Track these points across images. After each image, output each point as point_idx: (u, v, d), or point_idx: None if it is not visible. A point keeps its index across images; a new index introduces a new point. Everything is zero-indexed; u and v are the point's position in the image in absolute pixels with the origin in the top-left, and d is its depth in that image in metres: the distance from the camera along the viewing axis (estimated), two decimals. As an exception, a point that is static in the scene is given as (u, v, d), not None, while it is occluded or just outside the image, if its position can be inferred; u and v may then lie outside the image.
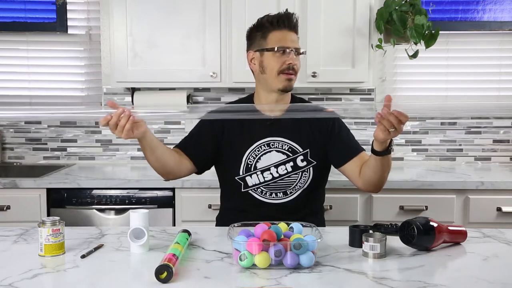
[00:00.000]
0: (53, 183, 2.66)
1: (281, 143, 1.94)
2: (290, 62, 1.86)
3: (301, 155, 1.94)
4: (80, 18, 3.20)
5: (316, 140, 1.96)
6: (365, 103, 3.17)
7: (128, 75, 2.84)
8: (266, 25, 1.90)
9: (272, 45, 1.88)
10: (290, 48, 1.87)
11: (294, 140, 1.94)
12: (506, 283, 1.30)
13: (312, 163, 1.95)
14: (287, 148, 1.94)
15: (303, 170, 1.94)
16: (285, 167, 1.93)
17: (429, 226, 1.51)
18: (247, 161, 1.94)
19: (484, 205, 2.61)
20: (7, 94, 3.25)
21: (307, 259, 1.37)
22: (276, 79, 1.89)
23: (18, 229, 1.76)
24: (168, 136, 3.22)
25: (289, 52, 1.87)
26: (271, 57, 1.88)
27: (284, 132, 1.94)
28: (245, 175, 1.94)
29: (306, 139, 1.95)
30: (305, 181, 1.95)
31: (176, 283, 1.28)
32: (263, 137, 1.94)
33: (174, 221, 2.66)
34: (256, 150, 1.94)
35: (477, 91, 3.22)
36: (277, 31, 1.88)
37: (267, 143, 1.94)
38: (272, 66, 1.88)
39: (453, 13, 3.21)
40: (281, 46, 1.87)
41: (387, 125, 1.60)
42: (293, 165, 1.93)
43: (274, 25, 1.88)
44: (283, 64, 1.87)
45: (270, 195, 1.95)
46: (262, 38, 1.91)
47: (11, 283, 1.28)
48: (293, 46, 1.88)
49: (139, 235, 1.51)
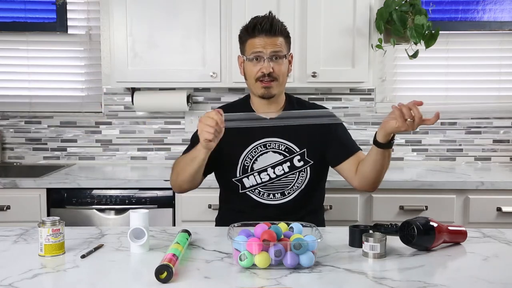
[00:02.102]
0: (53, 183, 2.66)
1: (278, 143, 1.94)
2: (263, 70, 1.85)
3: (297, 155, 1.94)
4: (80, 18, 3.19)
5: (313, 139, 1.95)
6: (364, 103, 3.17)
7: (128, 75, 2.84)
8: (244, 33, 1.91)
9: (248, 53, 1.89)
10: (263, 56, 1.85)
11: (290, 140, 1.94)
12: (506, 283, 1.30)
13: (309, 163, 1.94)
14: (283, 149, 1.94)
15: (300, 170, 1.94)
16: (282, 168, 1.93)
17: (429, 226, 1.51)
18: (244, 163, 1.93)
19: (484, 205, 2.61)
20: (7, 94, 3.25)
21: (307, 259, 1.37)
22: (254, 86, 1.90)
23: (18, 229, 1.76)
24: (168, 136, 3.22)
25: (265, 59, 1.85)
26: (248, 65, 1.90)
27: (281, 133, 1.93)
28: (242, 176, 1.94)
29: (303, 138, 1.95)
30: (302, 181, 1.95)
31: (176, 283, 1.28)
32: (260, 138, 1.94)
33: (174, 221, 2.66)
34: (252, 151, 1.93)
35: (477, 91, 3.22)
36: (253, 38, 1.87)
37: (263, 144, 1.94)
38: (249, 74, 1.90)
39: (453, 13, 3.21)
40: (253, 53, 1.86)
41: (407, 113, 1.61)
42: (290, 165, 1.93)
43: (250, 32, 1.88)
44: (258, 72, 1.87)
45: (268, 196, 1.94)
46: (242, 45, 1.93)
47: (11, 283, 1.28)
48: (268, 51, 1.85)
49: (139, 235, 1.51)
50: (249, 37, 1.88)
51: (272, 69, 1.86)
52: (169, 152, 3.22)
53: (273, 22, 1.87)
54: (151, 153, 3.23)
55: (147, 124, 3.22)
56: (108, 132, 3.23)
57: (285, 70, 1.91)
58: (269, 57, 1.85)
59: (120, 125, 3.22)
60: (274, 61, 1.86)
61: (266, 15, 1.89)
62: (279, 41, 1.88)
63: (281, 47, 1.88)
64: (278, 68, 1.87)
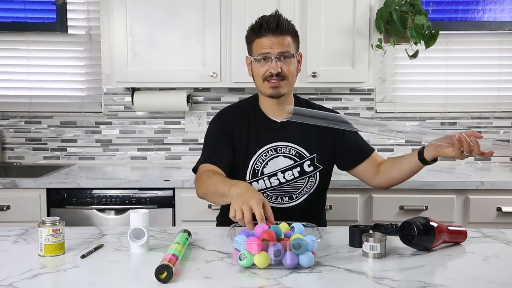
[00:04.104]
0: (53, 183, 2.66)
1: (288, 148, 1.92)
2: (271, 70, 1.83)
3: (308, 160, 1.92)
4: (80, 18, 3.20)
5: (323, 144, 1.94)
6: (364, 103, 3.17)
7: (128, 75, 2.84)
8: (250, 33, 1.89)
9: (255, 54, 1.87)
10: (270, 55, 1.83)
11: (301, 145, 1.92)
12: (506, 283, 1.30)
13: (319, 168, 1.93)
14: (294, 153, 1.92)
15: (310, 175, 1.93)
16: (292, 173, 1.92)
17: (429, 226, 1.51)
18: (254, 166, 1.92)
19: (484, 205, 2.61)
20: (7, 94, 3.25)
21: (306, 259, 1.37)
22: (263, 86, 1.88)
23: (18, 229, 1.76)
24: (168, 136, 3.22)
25: (273, 59, 1.82)
26: (256, 65, 1.87)
27: (291, 137, 1.92)
28: (252, 180, 1.92)
29: (313, 143, 1.93)
30: (311, 186, 1.94)
31: (176, 283, 1.28)
32: (270, 142, 1.92)
33: (174, 221, 2.66)
34: (263, 155, 1.92)
35: (477, 91, 3.22)
36: (260, 38, 1.84)
37: (274, 148, 1.92)
38: (257, 74, 1.88)
39: (453, 13, 3.21)
40: (261, 54, 1.84)
41: (466, 148, 1.63)
42: (300, 170, 1.92)
43: (256, 32, 1.85)
44: (266, 72, 1.85)
45: (275, 199, 1.93)
46: (249, 45, 1.91)
47: (11, 283, 1.28)
48: (276, 51, 1.82)
49: (139, 235, 1.51)
50: (256, 37, 1.86)
51: (281, 69, 1.83)
52: (169, 152, 3.22)
53: (280, 21, 1.83)
54: (151, 153, 3.23)
55: (147, 124, 3.22)
56: (108, 132, 3.23)
57: (294, 69, 1.88)
58: (276, 57, 1.83)
59: (120, 125, 3.22)
60: (282, 61, 1.83)
61: (272, 14, 1.86)
62: (287, 41, 1.84)
63: (289, 47, 1.84)
64: (287, 67, 1.85)
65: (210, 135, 1.98)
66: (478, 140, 1.63)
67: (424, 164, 1.80)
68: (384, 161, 1.97)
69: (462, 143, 1.64)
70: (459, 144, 1.64)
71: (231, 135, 1.92)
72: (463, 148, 1.64)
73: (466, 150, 1.64)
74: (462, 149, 1.64)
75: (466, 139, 1.63)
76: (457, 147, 1.65)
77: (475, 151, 1.63)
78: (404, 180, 1.92)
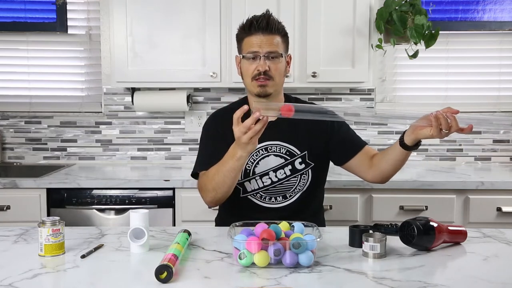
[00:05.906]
0: (53, 183, 2.66)
1: (279, 146, 1.93)
2: (259, 68, 1.84)
3: (299, 158, 1.93)
4: (80, 18, 3.20)
5: (314, 140, 1.95)
6: (364, 103, 3.17)
7: (128, 75, 2.84)
8: (241, 31, 1.90)
9: (244, 51, 1.88)
10: (259, 54, 1.84)
11: (291, 143, 1.93)
12: (506, 283, 1.30)
13: (310, 165, 1.94)
14: (285, 152, 1.93)
15: (302, 172, 1.93)
16: (283, 171, 1.92)
17: (429, 226, 1.51)
18: (246, 166, 1.91)
19: (484, 205, 2.61)
20: (7, 94, 3.25)
21: (306, 259, 1.37)
22: (251, 85, 1.89)
23: (18, 229, 1.76)
24: (168, 136, 3.22)
25: (261, 57, 1.84)
26: (245, 63, 1.88)
27: (281, 136, 1.93)
28: (244, 180, 1.92)
29: (304, 141, 1.94)
30: (304, 183, 1.94)
31: (176, 283, 1.28)
32: (261, 141, 1.90)
33: (174, 221, 2.66)
34: (254, 155, 1.92)
35: (477, 91, 3.22)
36: (249, 36, 1.86)
37: (264, 147, 1.93)
38: (245, 73, 1.89)
39: (453, 13, 3.21)
40: (250, 52, 1.85)
41: (444, 124, 1.57)
42: (292, 169, 1.93)
43: (246, 30, 1.87)
44: (254, 71, 1.85)
45: (269, 199, 1.94)
46: (239, 44, 1.92)
47: (11, 283, 1.28)
48: (265, 50, 1.84)
49: (139, 235, 1.51)
50: (246, 35, 1.87)
51: (268, 68, 1.84)
52: (169, 152, 3.22)
53: (270, 20, 1.85)
54: (151, 153, 3.23)
55: (147, 124, 3.22)
56: (108, 132, 3.23)
57: (282, 69, 1.89)
58: (265, 55, 1.84)
59: (120, 125, 3.22)
60: (271, 60, 1.85)
61: (263, 14, 1.88)
62: (276, 40, 1.86)
63: (278, 47, 1.86)
64: (275, 67, 1.86)
65: (205, 139, 2.00)
66: (455, 115, 1.57)
67: (407, 150, 1.75)
68: (376, 154, 1.95)
69: (440, 120, 1.57)
70: (437, 122, 1.57)
71: (223, 136, 1.92)
72: (441, 126, 1.58)
73: (445, 127, 1.57)
74: (441, 127, 1.58)
75: (443, 115, 1.57)
76: (435, 126, 1.58)
77: (454, 127, 1.56)
78: (395, 171, 1.87)
